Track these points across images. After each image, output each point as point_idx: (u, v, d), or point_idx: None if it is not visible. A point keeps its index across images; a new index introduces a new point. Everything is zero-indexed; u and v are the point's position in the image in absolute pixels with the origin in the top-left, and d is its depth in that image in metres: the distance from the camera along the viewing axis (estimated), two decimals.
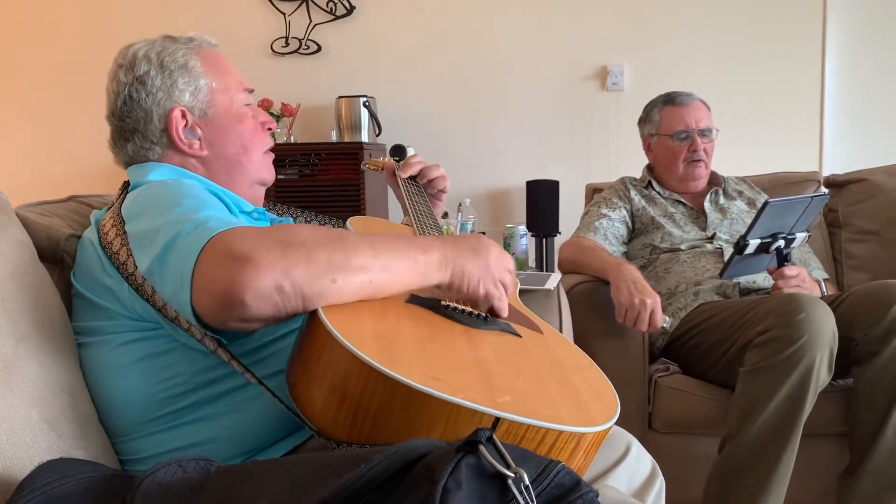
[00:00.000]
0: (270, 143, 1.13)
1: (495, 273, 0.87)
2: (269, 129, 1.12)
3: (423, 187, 1.38)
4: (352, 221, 1.18)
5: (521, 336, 0.86)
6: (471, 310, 0.87)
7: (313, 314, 0.73)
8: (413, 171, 1.37)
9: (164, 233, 0.81)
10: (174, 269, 0.78)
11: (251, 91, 1.11)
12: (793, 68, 2.99)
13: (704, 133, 2.04)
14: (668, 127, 2.06)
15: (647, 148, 2.16)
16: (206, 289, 0.74)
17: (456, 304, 0.86)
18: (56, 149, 3.32)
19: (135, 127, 1.03)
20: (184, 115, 1.03)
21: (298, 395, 0.74)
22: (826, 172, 2.50)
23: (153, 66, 1.02)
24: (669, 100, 2.09)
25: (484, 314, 0.87)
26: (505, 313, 0.89)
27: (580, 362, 0.86)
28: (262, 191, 1.13)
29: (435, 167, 1.39)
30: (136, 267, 0.84)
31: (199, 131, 1.04)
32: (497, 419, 0.64)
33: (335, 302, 0.75)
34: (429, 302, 0.85)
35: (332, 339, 0.68)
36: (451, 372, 0.69)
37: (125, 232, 0.88)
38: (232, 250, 0.73)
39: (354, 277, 0.76)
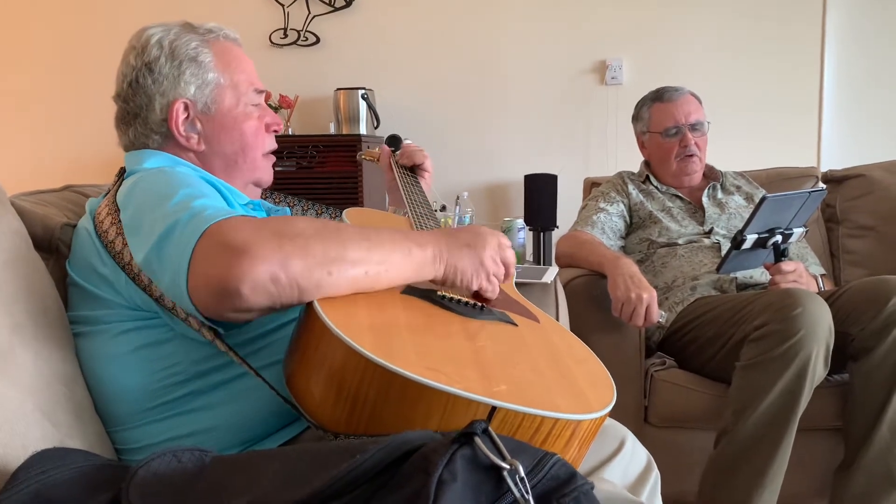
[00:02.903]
0: (273, 146, 1.11)
1: (489, 267, 0.89)
2: (275, 130, 1.10)
3: (412, 170, 1.38)
4: (348, 213, 1.17)
5: (517, 325, 0.86)
6: (466, 300, 0.87)
7: (309, 307, 0.73)
8: (416, 159, 1.38)
9: (160, 223, 0.80)
10: (171, 260, 0.77)
11: (262, 92, 1.08)
12: (791, 63, 2.98)
13: (695, 127, 2.03)
14: (658, 124, 2.05)
15: (641, 145, 2.16)
16: (202, 279, 0.73)
17: (452, 295, 0.86)
18: (56, 144, 3.30)
19: (137, 112, 1.02)
20: (186, 108, 1.01)
21: (296, 387, 0.74)
22: (824, 168, 2.49)
23: (164, 53, 1.00)
24: (658, 96, 2.08)
25: (480, 304, 0.87)
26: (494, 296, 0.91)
27: (576, 350, 0.86)
28: (257, 190, 1.12)
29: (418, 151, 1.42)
30: (132, 256, 0.84)
31: (199, 125, 1.02)
32: (493, 408, 0.64)
33: (331, 294, 0.75)
34: (424, 293, 0.85)
35: (328, 332, 0.68)
36: (447, 362, 0.69)
37: (120, 221, 0.88)
38: (228, 241, 0.73)
39: (350, 270, 0.76)
